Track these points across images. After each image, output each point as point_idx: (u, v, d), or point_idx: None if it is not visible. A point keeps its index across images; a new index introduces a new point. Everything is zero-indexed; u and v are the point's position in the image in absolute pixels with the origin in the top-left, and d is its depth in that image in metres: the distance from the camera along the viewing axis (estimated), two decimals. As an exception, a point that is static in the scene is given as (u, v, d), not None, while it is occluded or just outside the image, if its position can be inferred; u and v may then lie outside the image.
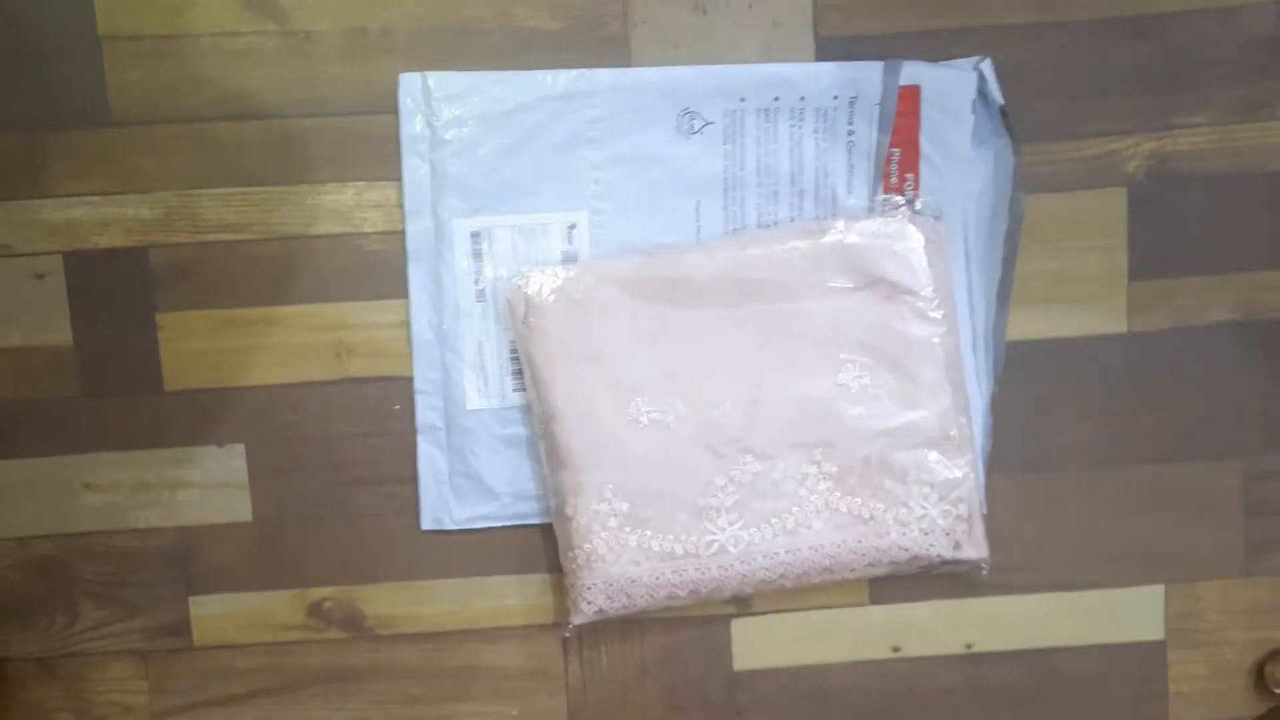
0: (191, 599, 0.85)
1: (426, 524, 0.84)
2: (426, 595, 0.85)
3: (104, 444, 0.83)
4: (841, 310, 0.80)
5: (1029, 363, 0.84)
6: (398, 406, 0.83)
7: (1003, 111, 0.80)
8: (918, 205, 0.81)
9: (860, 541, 0.80)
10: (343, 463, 0.84)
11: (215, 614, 0.85)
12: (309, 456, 0.83)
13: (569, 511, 0.79)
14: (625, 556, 0.79)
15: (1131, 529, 0.85)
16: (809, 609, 0.86)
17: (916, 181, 0.82)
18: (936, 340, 0.80)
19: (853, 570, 0.81)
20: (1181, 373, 0.84)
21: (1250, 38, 0.81)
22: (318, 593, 0.85)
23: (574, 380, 0.79)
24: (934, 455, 0.80)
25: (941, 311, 0.80)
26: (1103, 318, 0.84)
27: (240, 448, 0.83)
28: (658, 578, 0.79)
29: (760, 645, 0.86)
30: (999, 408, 0.84)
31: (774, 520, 0.80)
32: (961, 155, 0.81)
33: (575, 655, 0.86)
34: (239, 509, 0.84)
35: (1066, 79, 0.81)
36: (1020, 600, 0.86)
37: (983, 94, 0.80)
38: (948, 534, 0.80)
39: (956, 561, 0.80)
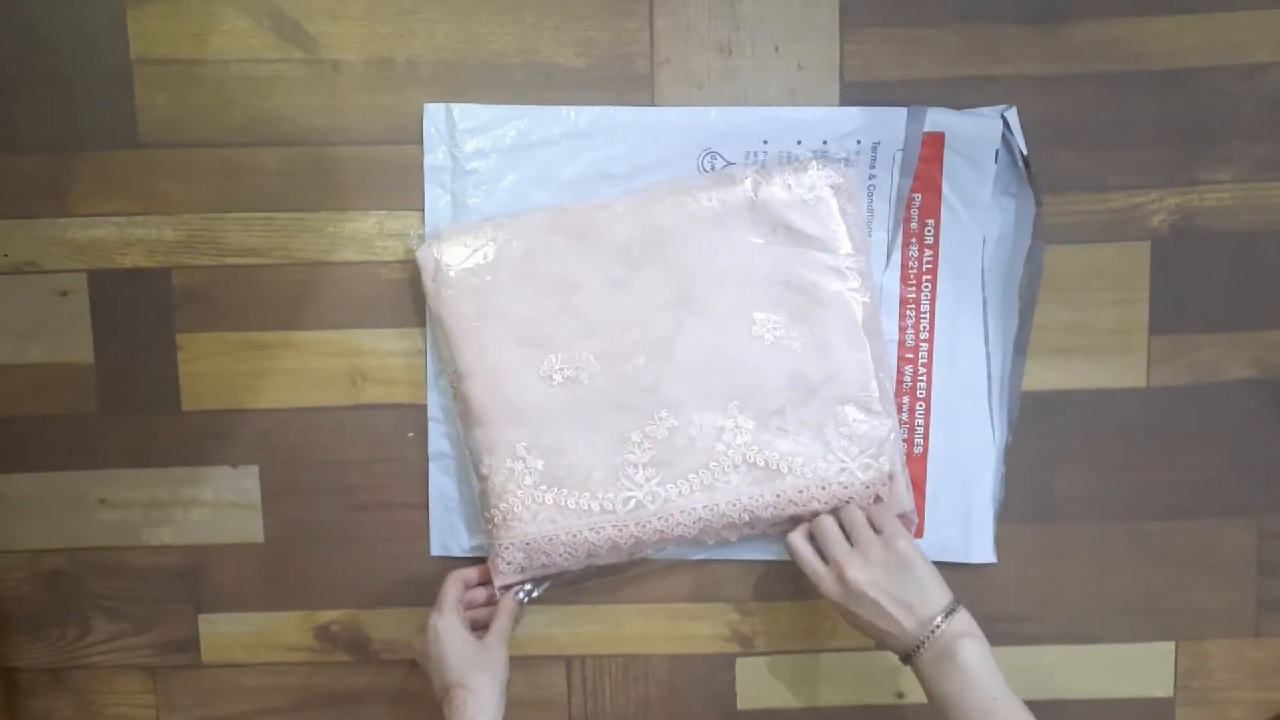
0: (201, 617, 0.85)
1: (435, 550, 0.85)
2: (433, 621, 0.85)
3: (120, 461, 0.84)
4: (754, 263, 0.79)
5: (1044, 413, 0.83)
6: (411, 434, 0.83)
7: (1025, 161, 0.80)
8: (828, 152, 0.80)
9: (778, 496, 0.78)
10: (354, 487, 0.84)
11: (224, 632, 0.86)
12: (321, 480, 0.84)
13: (484, 471, 0.79)
14: (542, 515, 0.79)
15: (1142, 584, 0.85)
16: (813, 651, 0.85)
17: (937, 226, 0.82)
18: (850, 294, 0.79)
19: (774, 525, 0.80)
20: (1198, 429, 0.83)
21: (1275, 95, 0.80)
22: (325, 615, 0.85)
23: (485, 338, 0.79)
24: (852, 410, 0.79)
25: (857, 265, 0.79)
26: (1121, 371, 0.83)
27: (254, 469, 0.84)
28: (575, 535, 0.79)
29: (764, 685, 0.86)
30: (1012, 457, 0.83)
31: (691, 475, 0.79)
32: (983, 203, 0.81)
33: (578, 687, 0.86)
34: (250, 529, 0.84)
35: (1091, 131, 0.81)
36: (1027, 651, 0.85)
37: (1006, 143, 0.80)
38: (867, 486, 0.78)
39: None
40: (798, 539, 0.78)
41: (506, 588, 0.81)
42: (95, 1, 0.80)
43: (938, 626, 0.71)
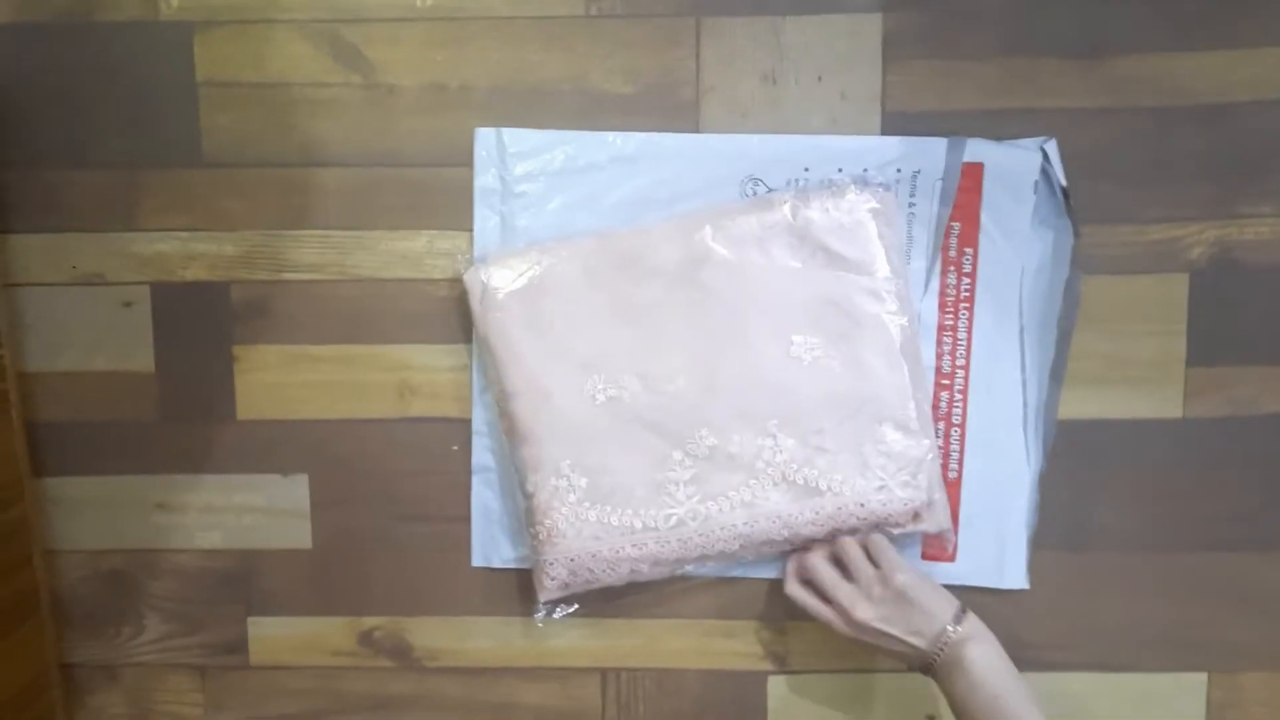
0: (250, 619, 0.88)
1: (476, 561, 0.87)
2: (472, 630, 0.88)
3: (177, 467, 0.87)
4: (792, 285, 0.81)
5: (1080, 442, 0.84)
6: (456, 447, 0.86)
7: (1065, 193, 0.81)
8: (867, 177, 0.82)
9: (818, 513, 0.80)
10: (400, 498, 0.87)
11: (271, 635, 0.88)
12: (368, 490, 0.87)
13: (529, 488, 0.81)
14: (586, 531, 0.81)
15: (1175, 615, 0.85)
16: (845, 671, 0.87)
17: (975, 255, 0.83)
18: (888, 316, 0.80)
19: (813, 542, 0.81)
20: (1235, 462, 0.84)
21: (1321, 131, 0.81)
22: (369, 621, 0.88)
23: (530, 360, 0.81)
24: (890, 429, 0.80)
25: (894, 287, 0.80)
26: (1158, 402, 0.83)
27: (304, 478, 0.87)
28: (618, 552, 0.81)
29: (795, 704, 0.87)
30: (1047, 485, 0.84)
31: (732, 493, 0.80)
32: (1021, 233, 0.82)
33: (613, 699, 0.88)
34: (299, 536, 0.87)
35: (1132, 164, 0.82)
36: (1058, 678, 0.85)
37: (1046, 174, 0.81)
38: (906, 504, 0.80)
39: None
40: (796, 589, 0.81)
41: (551, 603, 0.83)
42: (164, 26, 0.83)
43: (948, 639, 0.74)
